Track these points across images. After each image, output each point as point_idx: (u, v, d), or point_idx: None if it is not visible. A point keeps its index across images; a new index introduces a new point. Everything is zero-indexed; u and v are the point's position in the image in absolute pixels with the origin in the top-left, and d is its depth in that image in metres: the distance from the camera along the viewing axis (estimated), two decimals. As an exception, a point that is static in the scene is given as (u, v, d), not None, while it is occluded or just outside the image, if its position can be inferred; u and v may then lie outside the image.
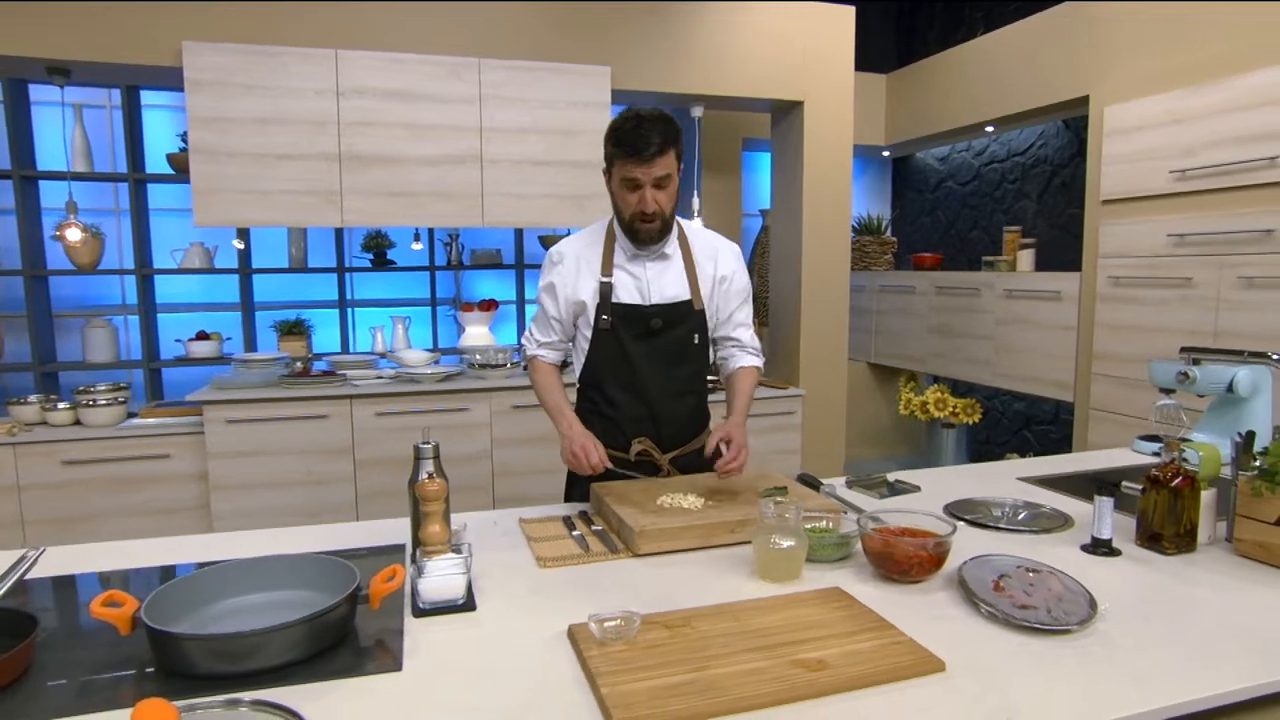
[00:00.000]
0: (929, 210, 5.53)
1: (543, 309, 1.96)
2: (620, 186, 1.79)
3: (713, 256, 1.96)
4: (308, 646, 1.10)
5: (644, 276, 1.89)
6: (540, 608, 1.30)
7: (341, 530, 1.71)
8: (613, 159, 1.79)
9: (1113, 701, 1.01)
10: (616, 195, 1.83)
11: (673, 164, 1.78)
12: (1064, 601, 1.26)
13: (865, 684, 1.04)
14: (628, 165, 1.74)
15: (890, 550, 1.36)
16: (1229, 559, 1.51)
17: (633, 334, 1.88)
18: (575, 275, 1.90)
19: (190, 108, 3.16)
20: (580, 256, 1.91)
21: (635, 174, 1.74)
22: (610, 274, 1.88)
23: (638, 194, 1.77)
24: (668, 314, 1.88)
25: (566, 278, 1.90)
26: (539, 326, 1.98)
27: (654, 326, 1.88)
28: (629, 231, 1.85)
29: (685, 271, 1.92)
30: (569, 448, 1.77)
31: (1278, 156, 2.85)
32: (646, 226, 1.81)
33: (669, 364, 1.91)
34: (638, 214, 1.79)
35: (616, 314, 1.87)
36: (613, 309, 1.87)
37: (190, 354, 3.93)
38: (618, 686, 1.01)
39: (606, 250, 1.90)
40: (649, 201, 1.77)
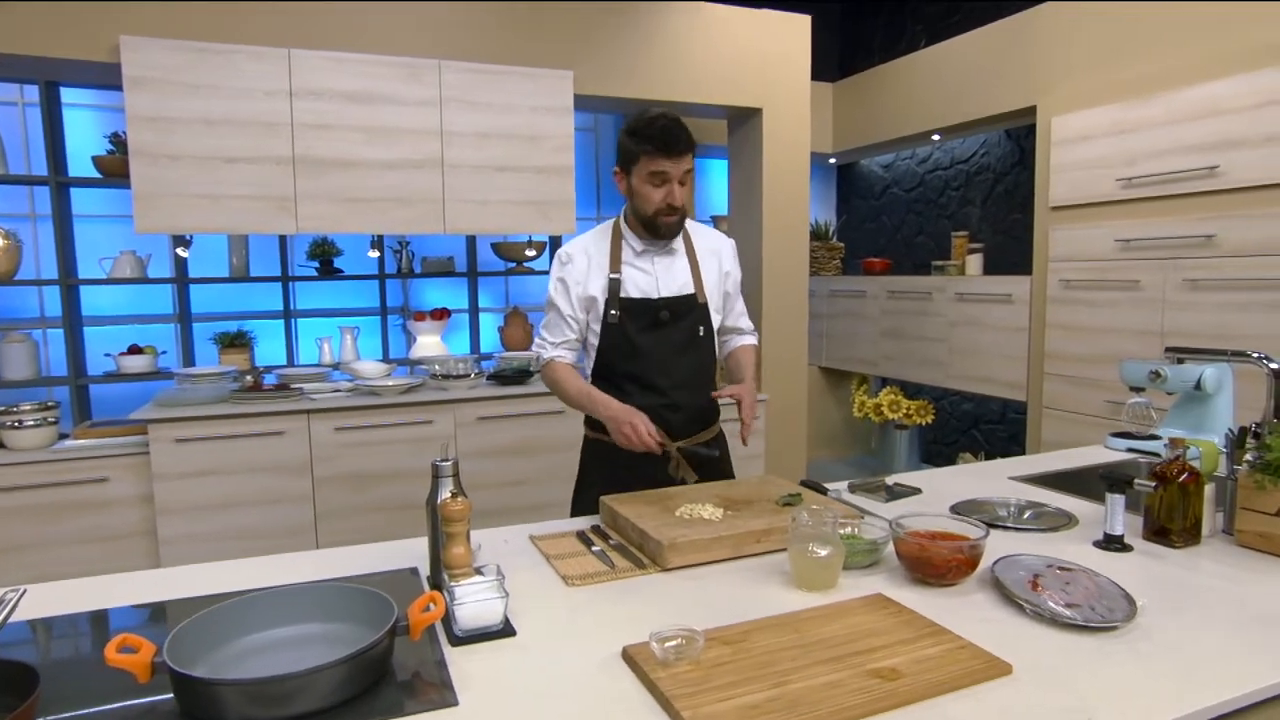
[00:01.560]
0: (874, 216, 5.66)
1: (555, 310, 1.97)
2: (645, 182, 1.84)
3: (715, 253, 2.03)
4: (351, 686, 1.02)
5: (652, 271, 1.95)
6: (582, 629, 1.24)
7: (341, 555, 1.61)
8: (637, 155, 1.83)
9: (1179, 695, 1.03)
10: (638, 191, 1.86)
11: (692, 162, 1.87)
12: (1102, 599, 1.27)
13: (941, 691, 1.03)
14: (658, 160, 1.81)
15: (928, 555, 1.36)
16: (1233, 550, 1.56)
17: (640, 326, 1.92)
18: (585, 272, 1.94)
19: (129, 107, 2.96)
20: (589, 254, 1.95)
21: (666, 168, 1.81)
22: (619, 270, 1.93)
23: (665, 188, 1.84)
24: (675, 306, 1.94)
25: (578, 275, 1.94)
26: (552, 329, 1.98)
27: (662, 319, 1.93)
28: (650, 225, 1.90)
29: (690, 267, 1.98)
30: (618, 428, 1.77)
31: (1216, 166, 3.01)
32: (669, 220, 1.87)
33: (676, 354, 1.95)
34: (664, 208, 1.85)
35: (625, 308, 1.92)
36: (621, 303, 1.92)
37: (122, 369, 3.67)
38: (700, 709, 0.96)
39: (614, 248, 1.95)
40: (676, 195, 1.84)
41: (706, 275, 1.99)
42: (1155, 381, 2.25)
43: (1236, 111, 2.94)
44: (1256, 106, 2.87)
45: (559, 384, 1.95)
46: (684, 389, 1.95)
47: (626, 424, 1.75)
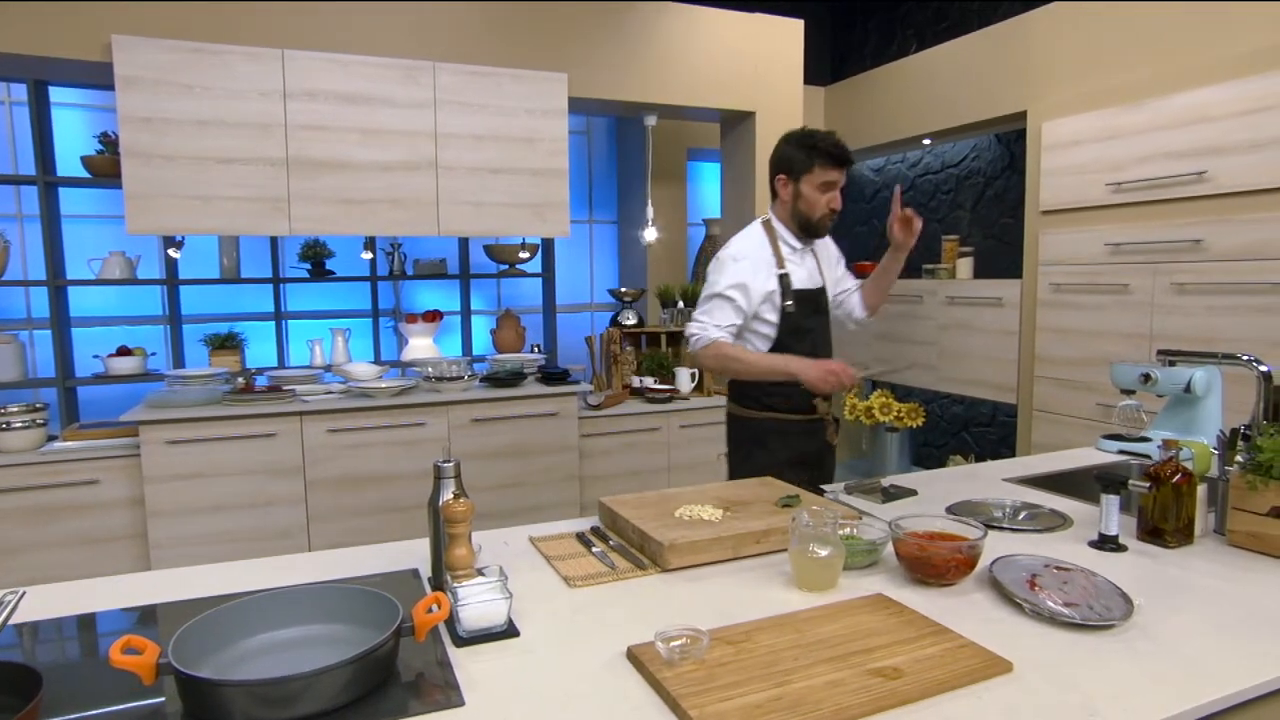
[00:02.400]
0: (865, 219, 5.70)
1: (727, 299, 2.14)
2: (815, 189, 2.14)
3: (827, 247, 2.37)
4: (357, 687, 1.02)
5: (806, 265, 2.25)
6: (585, 630, 1.24)
7: (340, 557, 1.60)
8: (810, 166, 2.13)
9: (1179, 692, 1.04)
10: (807, 196, 2.15)
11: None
12: (1100, 598, 1.29)
13: (943, 689, 1.04)
14: (831, 171, 2.13)
15: (927, 555, 1.37)
16: (1224, 549, 1.58)
17: (807, 312, 2.21)
18: (755, 270, 2.16)
19: (121, 107, 2.94)
20: (756, 255, 2.18)
21: (835, 178, 2.13)
22: (784, 266, 2.19)
23: (830, 194, 2.15)
24: (822, 296, 2.28)
25: (754, 271, 2.15)
26: (718, 314, 2.15)
27: (822, 305, 2.27)
28: (810, 226, 2.20)
29: (817, 263, 2.31)
30: (822, 374, 1.99)
31: (1204, 172, 3.05)
32: (828, 221, 2.19)
33: (827, 331, 2.31)
34: (827, 212, 2.16)
35: (797, 298, 2.19)
36: (794, 294, 2.18)
37: (110, 371, 3.65)
38: (706, 708, 0.97)
39: (774, 247, 2.20)
40: (839, 201, 2.17)
41: (825, 269, 2.33)
42: (1146, 384, 2.27)
43: (1223, 118, 2.98)
44: (1242, 113, 2.91)
45: (736, 355, 2.14)
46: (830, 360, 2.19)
47: (829, 367, 2.00)
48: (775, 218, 2.24)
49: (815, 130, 2.17)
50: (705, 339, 2.16)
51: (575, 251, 5.13)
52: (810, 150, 2.12)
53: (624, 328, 4.06)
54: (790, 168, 2.16)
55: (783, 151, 2.19)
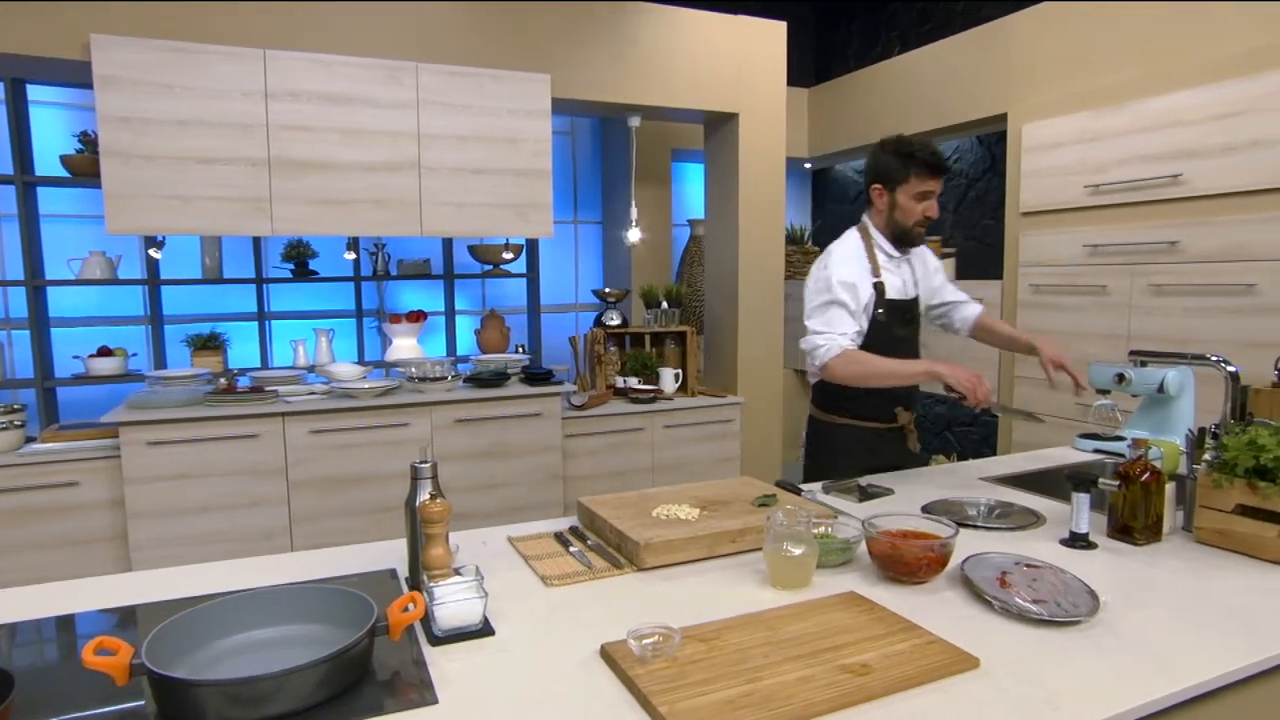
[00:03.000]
0: (849, 220, 5.71)
1: (842, 306, 2.12)
2: (912, 198, 2.13)
3: (924, 259, 2.36)
4: (331, 686, 1.02)
5: (900, 274, 2.25)
6: (560, 628, 1.26)
7: (321, 557, 1.60)
8: (907, 175, 2.12)
9: (1142, 685, 1.06)
10: (903, 205, 2.15)
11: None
12: (1068, 594, 1.31)
13: (911, 684, 1.05)
14: (929, 181, 2.12)
15: (899, 553, 1.38)
16: (1191, 546, 1.61)
17: (898, 321, 2.22)
18: (859, 273, 2.15)
19: (100, 106, 2.92)
20: (857, 259, 2.18)
21: (932, 187, 2.13)
22: (879, 275, 2.19)
23: (927, 203, 2.14)
24: (913, 307, 2.29)
25: (859, 276, 2.15)
26: (839, 322, 2.12)
27: (910, 316, 2.26)
28: (904, 235, 2.19)
29: (913, 275, 2.31)
30: (970, 376, 1.96)
31: (1179, 175, 3.09)
32: (923, 230, 2.19)
33: (914, 342, 2.30)
34: (922, 220, 2.16)
35: (888, 307, 2.18)
36: (886, 303, 2.18)
37: (91, 371, 3.62)
38: (677, 705, 0.98)
39: (871, 255, 2.20)
40: (934, 210, 2.16)
41: (921, 281, 2.33)
42: (1120, 384, 2.30)
43: (1198, 122, 3.02)
44: (1216, 118, 2.95)
45: (870, 362, 2.08)
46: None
47: (974, 374, 1.97)
48: (872, 225, 2.24)
49: (911, 138, 2.15)
50: (834, 348, 2.09)
51: (560, 252, 5.14)
52: (907, 159, 2.12)
53: (608, 328, 4.07)
54: (886, 177, 2.16)
55: (878, 160, 2.18)
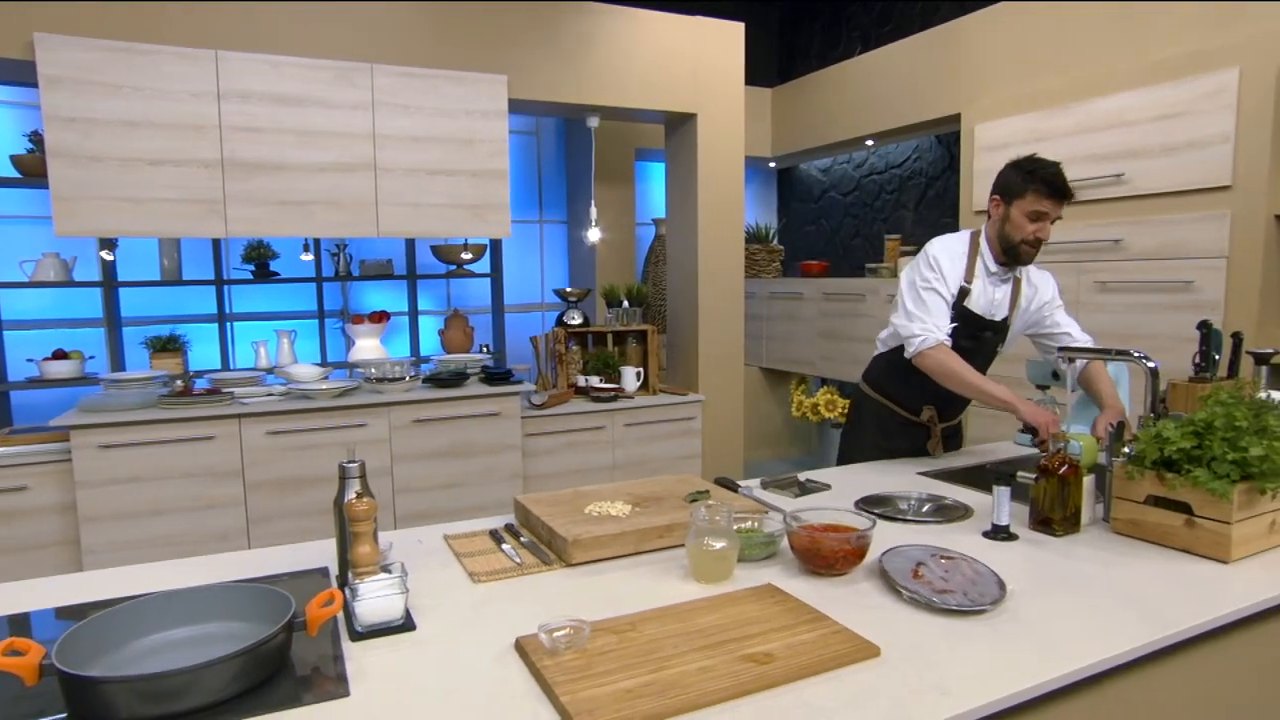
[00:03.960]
0: (814, 219, 5.79)
1: (938, 295, 2.14)
2: (1024, 215, 2.10)
3: (1036, 285, 2.30)
4: (244, 680, 1.04)
5: (994, 295, 2.22)
6: (481, 623, 1.28)
7: (255, 557, 1.62)
8: (1025, 191, 2.09)
9: (1030, 670, 1.11)
10: (1014, 220, 2.12)
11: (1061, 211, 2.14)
12: (977, 584, 1.35)
13: (810, 673, 1.09)
14: (1045, 201, 2.08)
15: (817, 546, 1.42)
16: (1108, 537, 1.67)
17: (967, 334, 2.20)
18: (955, 269, 2.18)
19: (46, 106, 2.90)
20: (957, 256, 2.20)
21: (1048, 209, 2.08)
22: (971, 282, 2.19)
23: (1039, 224, 2.10)
24: (994, 328, 2.25)
25: (951, 270, 2.17)
26: (936, 313, 2.14)
27: (984, 336, 2.24)
28: (1011, 251, 2.16)
29: (1013, 297, 2.26)
30: (1039, 415, 2.04)
31: (1122, 174, 3.17)
32: (1030, 250, 2.14)
33: (976, 361, 2.22)
34: (1031, 239, 2.12)
35: (963, 317, 2.18)
36: (962, 311, 2.18)
37: (46, 374, 3.60)
38: (578, 694, 1.01)
39: (971, 260, 2.21)
40: (1046, 231, 2.12)
41: (1023, 302, 2.27)
42: (1057, 380, 2.36)
43: (1138, 123, 3.09)
44: (1154, 119, 3.03)
45: (953, 369, 2.11)
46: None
47: (1052, 419, 2.03)
48: (985, 235, 2.23)
49: (1042, 159, 2.13)
50: (931, 340, 2.12)
51: (526, 251, 5.16)
52: (1028, 176, 2.10)
53: (569, 327, 4.10)
54: (1006, 190, 2.15)
55: (1003, 173, 2.18)
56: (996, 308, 2.24)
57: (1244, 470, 1.48)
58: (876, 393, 2.43)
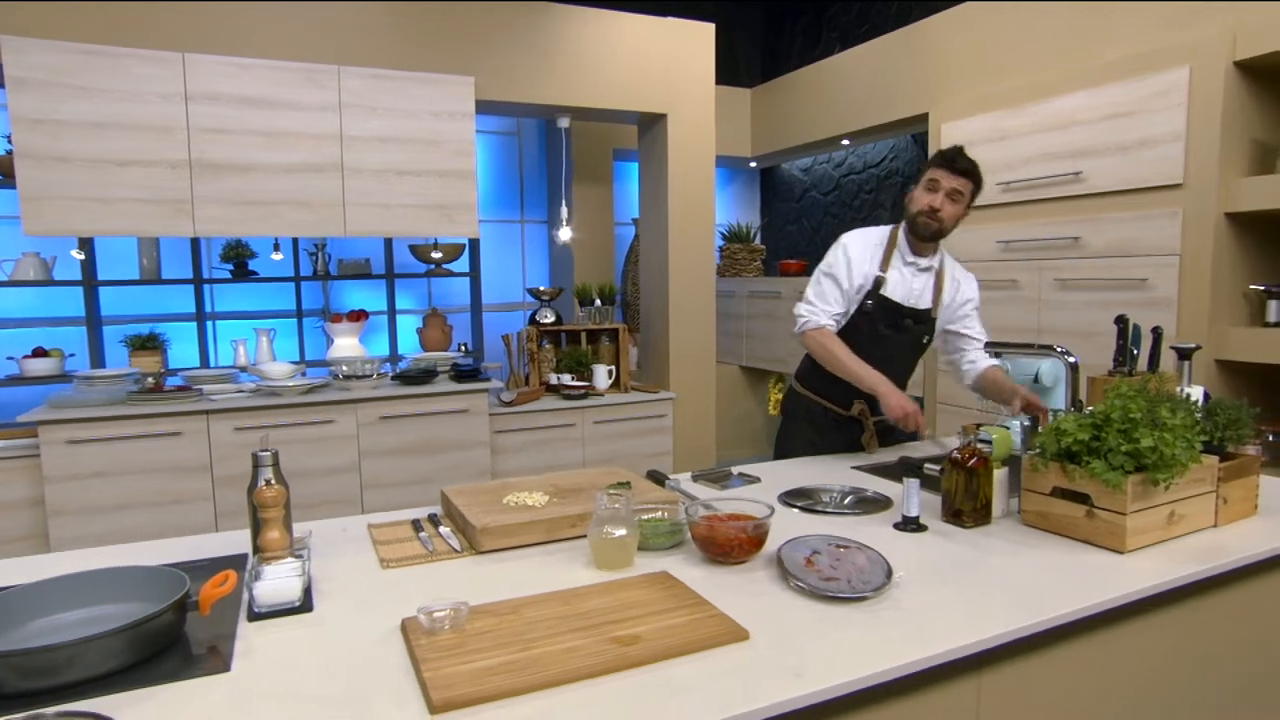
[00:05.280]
0: (795, 219, 5.82)
1: (835, 282, 2.25)
2: (921, 186, 2.19)
3: (958, 281, 2.36)
4: (128, 655, 1.09)
5: (910, 282, 2.27)
6: (378, 606, 1.32)
7: (184, 544, 1.67)
8: (926, 168, 2.20)
9: (891, 653, 1.14)
10: (914, 194, 2.22)
11: (968, 190, 2.18)
12: (865, 572, 1.39)
13: (675, 654, 1.12)
14: (937, 170, 2.16)
15: (713, 534, 1.46)
16: (1017, 528, 1.70)
17: (886, 322, 2.26)
18: (862, 255, 2.25)
19: (13, 107, 2.97)
20: (869, 246, 2.26)
21: (939, 177, 2.16)
22: (886, 270, 2.24)
23: (933, 195, 2.16)
24: (916, 316, 2.29)
25: (858, 259, 2.24)
26: (828, 299, 2.26)
27: (904, 324, 2.28)
28: (912, 224, 2.22)
29: (935, 289, 2.31)
30: (901, 406, 2.13)
31: (1080, 173, 3.19)
32: (928, 222, 2.18)
33: (901, 351, 2.33)
34: (926, 209, 2.17)
35: (880, 304, 2.24)
36: (878, 299, 2.24)
37: (26, 372, 3.66)
38: (440, 670, 1.05)
39: (888, 250, 2.27)
40: (938, 201, 2.16)
41: (945, 297, 2.32)
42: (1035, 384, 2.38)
43: (1092, 122, 3.11)
44: (1108, 118, 3.05)
45: (832, 351, 2.23)
46: (896, 380, 2.25)
47: (910, 407, 2.13)
48: (904, 226, 2.31)
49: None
50: (814, 323, 2.26)
51: (507, 251, 5.21)
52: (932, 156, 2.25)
53: (542, 326, 4.14)
54: (916, 176, 2.29)
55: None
56: (917, 297, 2.28)
57: (1138, 461, 1.51)
58: (807, 389, 2.47)
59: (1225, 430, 1.71)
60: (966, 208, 2.23)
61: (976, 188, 2.21)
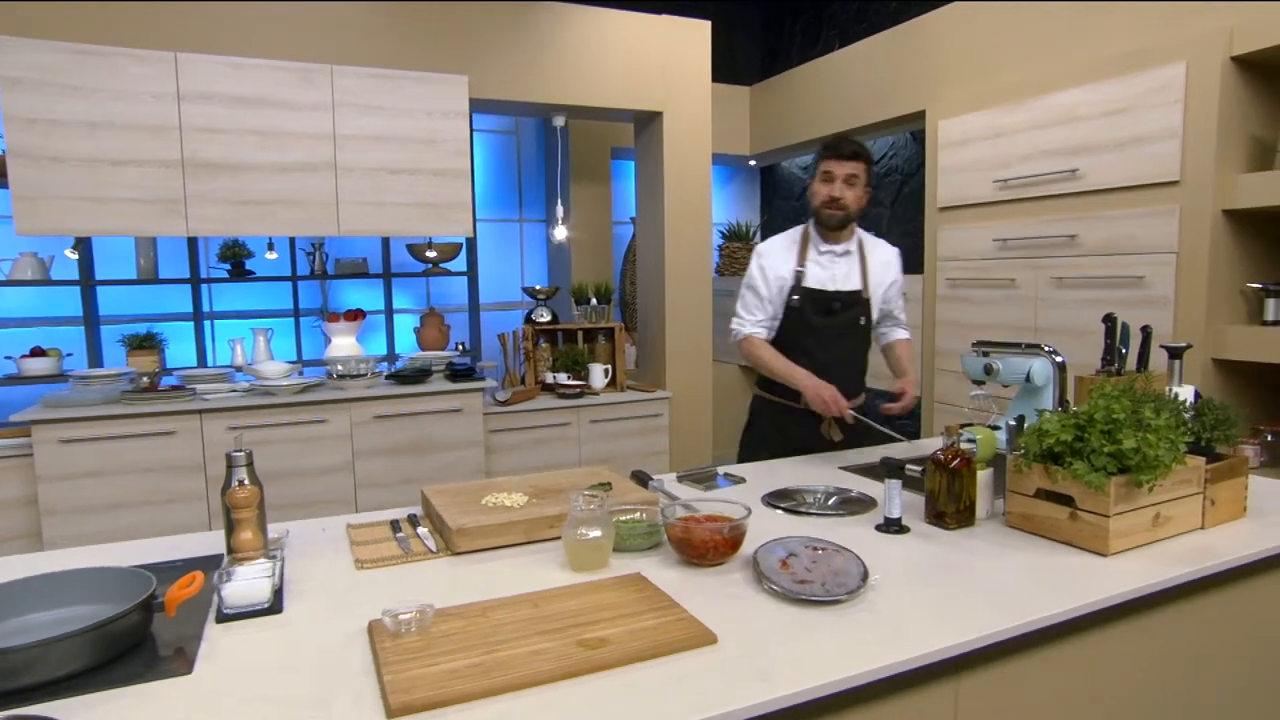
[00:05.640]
0: (795, 217, 5.79)
1: (755, 292, 2.37)
2: (818, 179, 2.27)
3: (885, 262, 2.43)
4: (90, 658, 1.09)
5: (830, 268, 2.34)
6: (349, 608, 1.32)
7: (163, 543, 1.67)
8: (817, 161, 2.28)
9: (861, 656, 1.12)
10: (813, 188, 2.29)
11: (863, 171, 2.25)
12: (840, 575, 1.37)
13: (641, 658, 1.11)
14: (829, 161, 2.23)
15: (689, 536, 1.45)
16: (1001, 530, 1.67)
17: (815, 311, 2.33)
18: (779, 263, 2.34)
19: (6, 107, 2.97)
20: (783, 249, 2.36)
21: (832, 168, 2.23)
22: (804, 265, 2.32)
23: (830, 185, 2.23)
24: (845, 299, 2.35)
25: (773, 264, 2.34)
26: (751, 309, 2.38)
27: (834, 309, 2.33)
28: (818, 217, 2.30)
29: (861, 269, 2.36)
30: (817, 396, 2.21)
31: (1076, 170, 3.16)
32: (832, 213, 2.25)
33: (840, 337, 2.36)
34: (827, 200, 2.24)
35: (805, 295, 2.31)
36: (803, 291, 2.31)
37: (24, 372, 3.68)
38: (402, 673, 1.04)
39: (802, 246, 2.35)
40: (837, 189, 2.23)
41: (873, 277, 2.38)
42: (990, 375, 2.36)
43: (1089, 118, 3.08)
44: (1105, 114, 3.02)
45: (759, 356, 2.36)
46: (842, 364, 2.36)
47: (827, 393, 2.20)
48: (812, 220, 2.39)
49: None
50: (739, 334, 2.40)
51: (506, 250, 5.20)
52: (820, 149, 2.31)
53: (537, 325, 4.13)
54: (812, 171, 2.34)
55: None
56: (843, 280, 2.35)
57: (1121, 463, 1.49)
58: (765, 392, 2.51)
59: (1213, 430, 1.69)
60: (866, 187, 2.29)
61: (869, 167, 2.27)
